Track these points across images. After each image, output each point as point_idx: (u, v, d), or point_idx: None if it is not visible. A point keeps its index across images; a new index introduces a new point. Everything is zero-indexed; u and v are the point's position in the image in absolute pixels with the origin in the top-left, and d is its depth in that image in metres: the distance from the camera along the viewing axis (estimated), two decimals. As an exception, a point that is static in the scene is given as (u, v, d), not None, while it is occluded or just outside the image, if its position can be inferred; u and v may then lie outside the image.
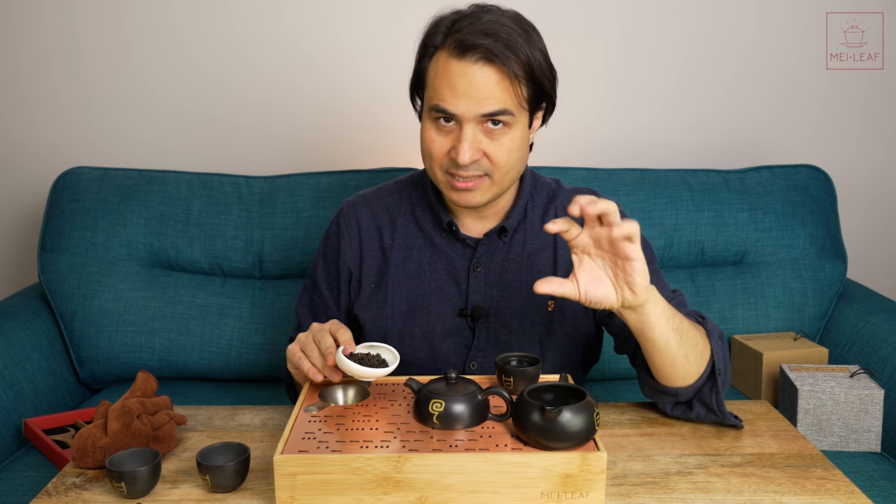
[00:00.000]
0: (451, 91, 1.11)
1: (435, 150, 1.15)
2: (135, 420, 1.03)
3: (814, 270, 1.86)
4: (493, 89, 1.10)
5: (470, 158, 1.12)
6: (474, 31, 1.10)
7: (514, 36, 1.11)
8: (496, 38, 1.09)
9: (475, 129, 1.12)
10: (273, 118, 2.09)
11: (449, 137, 1.14)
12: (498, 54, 1.09)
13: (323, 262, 1.33)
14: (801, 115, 2.15)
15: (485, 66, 1.10)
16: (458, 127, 1.13)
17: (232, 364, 1.82)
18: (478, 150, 1.13)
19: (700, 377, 1.10)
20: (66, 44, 2.05)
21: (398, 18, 2.04)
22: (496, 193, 1.19)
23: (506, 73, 1.10)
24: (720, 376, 1.09)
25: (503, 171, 1.16)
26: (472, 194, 1.17)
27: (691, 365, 1.09)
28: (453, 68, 1.11)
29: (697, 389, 1.11)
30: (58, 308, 1.79)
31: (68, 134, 2.09)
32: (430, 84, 1.15)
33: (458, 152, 1.12)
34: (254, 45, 2.06)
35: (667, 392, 1.12)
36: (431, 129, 1.15)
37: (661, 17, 2.08)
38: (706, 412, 1.12)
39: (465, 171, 1.14)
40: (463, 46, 1.10)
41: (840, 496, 0.94)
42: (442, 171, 1.17)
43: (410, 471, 0.88)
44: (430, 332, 1.27)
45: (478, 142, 1.13)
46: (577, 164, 2.06)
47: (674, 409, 1.15)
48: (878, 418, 1.47)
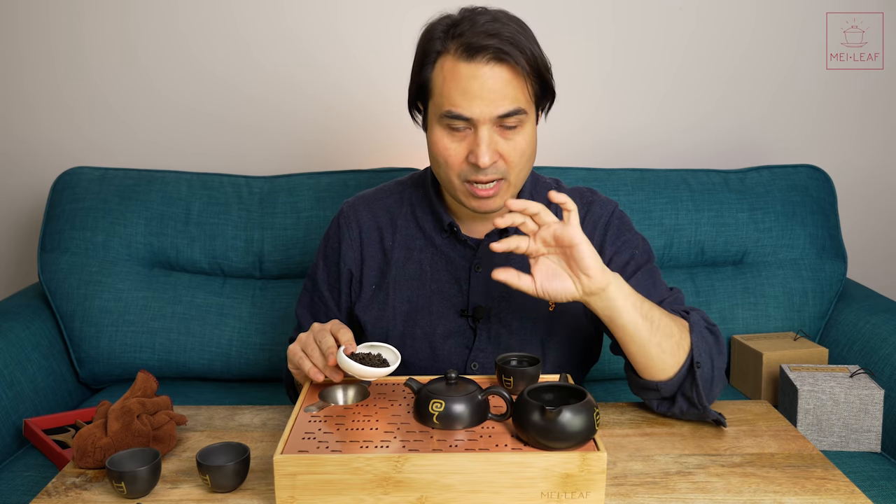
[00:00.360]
0: (464, 95, 1.10)
1: (451, 158, 1.14)
2: (135, 420, 1.03)
3: (814, 270, 1.86)
4: (506, 89, 1.10)
5: (490, 160, 1.11)
6: (478, 33, 1.09)
7: (517, 34, 1.11)
8: (501, 38, 1.09)
9: (490, 131, 1.12)
10: (273, 118, 2.09)
11: (464, 143, 1.13)
12: (508, 52, 1.09)
13: (323, 263, 1.33)
14: (800, 115, 2.15)
15: (496, 67, 1.09)
16: (472, 131, 1.12)
17: (232, 364, 1.82)
18: (495, 153, 1.12)
19: (680, 370, 1.10)
20: (69, 43, 2.05)
21: (399, 18, 2.05)
22: (511, 195, 1.19)
23: (517, 72, 1.10)
24: (699, 369, 1.09)
25: (517, 171, 1.16)
26: (492, 200, 1.16)
27: (666, 355, 1.09)
28: (463, 71, 1.09)
29: (679, 383, 1.11)
30: (58, 308, 1.79)
31: (69, 134, 2.09)
32: (438, 91, 1.13)
33: (478, 155, 1.11)
34: (254, 44, 2.06)
35: (649, 387, 1.13)
36: (444, 136, 1.14)
37: (661, 16, 2.08)
38: (688, 406, 1.12)
39: (485, 176, 1.13)
40: (471, 48, 1.09)
41: (840, 496, 0.94)
42: (460, 181, 1.16)
43: (410, 471, 0.88)
44: (431, 332, 1.27)
45: (494, 143, 1.12)
46: (578, 164, 2.06)
47: (659, 405, 1.15)
48: (878, 418, 1.47)
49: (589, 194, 1.30)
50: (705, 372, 1.11)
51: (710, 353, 1.12)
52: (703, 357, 1.10)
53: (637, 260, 1.24)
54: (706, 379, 1.11)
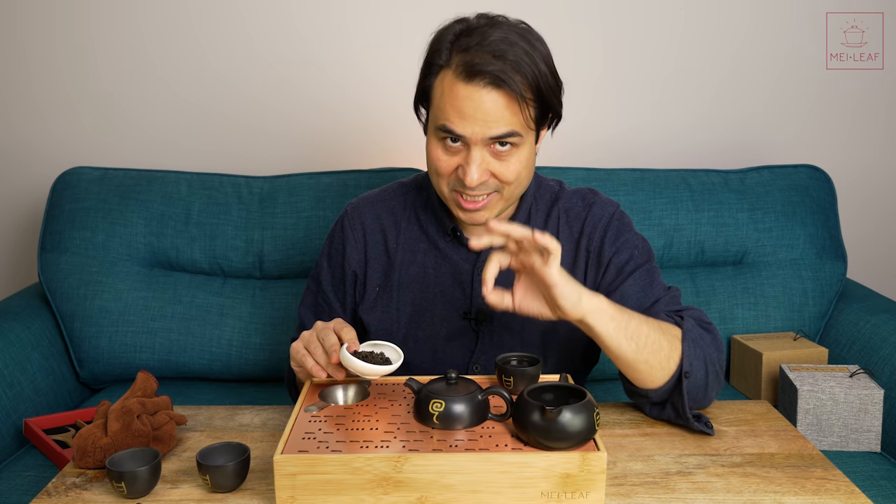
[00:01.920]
0: (459, 114, 1.09)
1: (442, 168, 1.15)
2: (135, 420, 1.03)
3: (814, 270, 1.86)
4: (502, 113, 1.09)
5: (478, 181, 1.11)
6: (481, 53, 1.08)
7: (521, 55, 1.09)
8: (504, 61, 1.07)
9: (483, 151, 1.11)
10: (274, 118, 2.09)
11: (456, 157, 1.13)
12: (506, 80, 1.07)
13: (327, 264, 1.33)
14: (800, 115, 2.15)
15: (493, 91, 1.08)
16: (465, 148, 1.12)
17: (232, 364, 1.82)
18: (485, 172, 1.12)
19: (668, 381, 1.10)
20: (70, 44, 2.04)
21: (401, 19, 2.04)
22: (504, 207, 1.19)
23: (514, 98, 1.09)
24: (686, 379, 1.09)
25: (512, 188, 1.16)
26: (480, 213, 1.16)
27: (654, 370, 1.09)
28: (460, 91, 1.09)
29: (669, 391, 1.11)
30: (58, 308, 1.79)
31: (69, 134, 2.09)
32: (437, 103, 1.13)
33: (466, 174, 1.11)
34: (255, 43, 2.06)
35: (639, 393, 1.14)
36: (438, 147, 1.15)
37: (661, 15, 2.08)
38: (675, 416, 1.12)
39: (473, 192, 1.14)
40: (471, 71, 1.08)
41: (840, 496, 0.94)
42: (449, 189, 1.17)
43: (410, 471, 0.88)
44: (434, 335, 1.27)
45: (486, 163, 1.12)
46: (577, 164, 2.06)
47: (650, 409, 1.16)
48: (878, 418, 1.47)
49: (591, 195, 1.30)
50: (697, 379, 1.11)
51: (703, 357, 1.12)
52: (694, 365, 1.10)
53: (636, 260, 1.24)
54: (698, 385, 1.11)
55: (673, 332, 1.12)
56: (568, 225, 1.27)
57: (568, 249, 1.26)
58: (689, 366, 1.10)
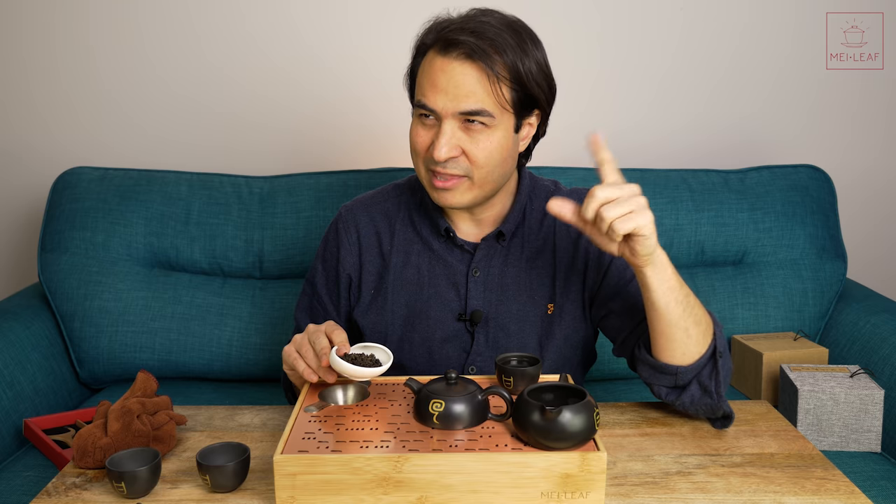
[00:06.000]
0: (432, 87, 1.12)
1: (418, 145, 1.17)
2: (135, 420, 1.03)
3: (814, 270, 1.86)
4: (474, 87, 1.10)
5: (446, 155, 1.12)
6: (462, 30, 1.10)
7: (503, 37, 1.10)
8: (481, 37, 1.10)
9: (454, 126, 1.13)
10: (274, 118, 2.09)
11: (430, 133, 1.15)
12: (478, 52, 1.09)
13: (322, 267, 1.33)
14: (800, 115, 2.15)
15: (465, 63, 1.10)
16: (438, 123, 1.14)
17: (232, 364, 1.82)
18: (455, 147, 1.13)
19: (701, 357, 1.09)
20: (70, 44, 2.04)
21: (401, 18, 2.04)
22: (477, 196, 1.18)
23: (486, 73, 1.10)
24: (721, 358, 1.09)
25: (483, 173, 1.15)
26: (450, 194, 1.16)
27: (692, 341, 1.08)
28: (436, 64, 1.12)
29: (698, 371, 1.09)
30: (58, 308, 1.79)
31: (69, 134, 2.09)
32: (418, 81, 1.16)
33: (435, 147, 1.12)
34: (256, 43, 2.06)
35: (666, 371, 1.10)
36: (417, 124, 1.17)
37: (661, 15, 2.08)
38: (701, 395, 1.10)
39: (444, 168, 1.14)
40: (448, 43, 1.11)
41: (840, 496, 0.94)
42: (425, 168, 1.18)
43: (410, 471, 0.88)
44: (429, 337, 1.27)
45: (456, 139, 1.13)
46: (577, 164, 2.05)
47: (668, 393, 1.13)
48: (878, 418, 1.47)
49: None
50: (727, 363, 1.12)
51: (725, 349, 1.13)
52: (724, 350, 1.11)
53: None
54: (728, 370, 1.12)
55: (708, 313, 1.12)
56: (566, 225, 1.26)
57: (567, 250, 1.26)
58: (722, 347, 1.10)
